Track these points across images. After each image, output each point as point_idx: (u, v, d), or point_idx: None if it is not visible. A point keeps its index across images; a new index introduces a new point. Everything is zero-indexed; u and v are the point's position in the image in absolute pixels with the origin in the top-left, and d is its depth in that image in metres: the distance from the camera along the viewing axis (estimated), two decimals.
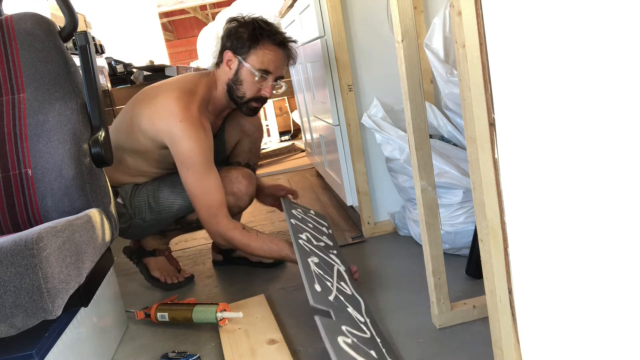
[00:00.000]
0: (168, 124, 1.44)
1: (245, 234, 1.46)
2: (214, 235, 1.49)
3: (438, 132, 1.70)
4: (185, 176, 1.46)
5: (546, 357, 0.68)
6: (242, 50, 1.50)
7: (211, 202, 1.45)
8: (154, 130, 1.47)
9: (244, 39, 1.49)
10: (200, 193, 1.45)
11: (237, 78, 1.52)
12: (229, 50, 1.52)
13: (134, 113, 1.52)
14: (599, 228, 0.59)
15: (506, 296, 0.71)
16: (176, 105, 1.45)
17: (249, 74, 1.51)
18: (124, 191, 1.59)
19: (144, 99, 1.54)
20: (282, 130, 4.80)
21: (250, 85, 1.52)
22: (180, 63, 5.94)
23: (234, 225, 1.47)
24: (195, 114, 1.48)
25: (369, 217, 1.85)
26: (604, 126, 0.56)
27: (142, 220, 1.58)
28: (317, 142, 2.36)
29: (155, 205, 1.57)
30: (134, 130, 1.51)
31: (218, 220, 1.45)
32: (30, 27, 1.27)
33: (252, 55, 1.49)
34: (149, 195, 1.58)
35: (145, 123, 1.48)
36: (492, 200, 0.70)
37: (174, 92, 1.49)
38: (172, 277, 1.72)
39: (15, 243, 0.91)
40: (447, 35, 1.55)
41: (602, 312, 0.62)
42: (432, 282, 1.19)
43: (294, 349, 1.23)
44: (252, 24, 1.50)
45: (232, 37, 1.51)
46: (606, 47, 0.54)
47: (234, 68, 1.52)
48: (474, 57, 0.66)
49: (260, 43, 1.49)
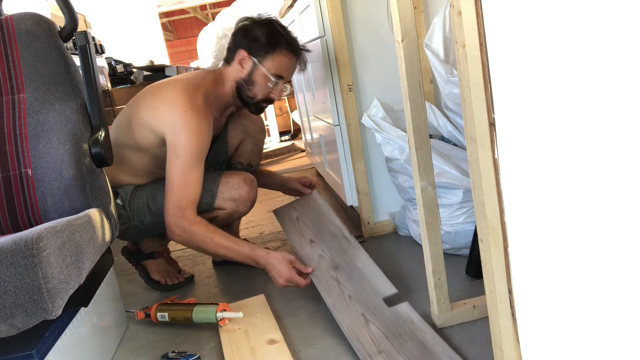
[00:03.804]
0: (172, 114, 1.44)
1: (211, 228, 1.43)
2: (174, 228, 1.42)
3: (438, 132, 1.70)
4: (172, 164, 1.43)
5: (546, 357, 0.68)
6: (258, 52, 1.50)
7: (185, 195, 1.42)
8: (158, 121, 1.46)
9: (262, 42, 1.49)
10: (178, 184, 1.42)
11: (250, 79, 1.53)
12: (243, 50, 1.51)
13: (137, 108, 1.52)
14: (599, 228, 0.59)
15: (506, 296, 0.71)
16: (182, 96, 1.45)
17: (262, 77, 1.52)
18: (124, 192, 1.58)
19: (148, 93, 1.54)
20: (282, 130, 4.80)
21: (262, 88, 1.54)
22: (180, 63, 5.94)
23: (199, 220, 1.43)
24: (201, 105, 1.47)
25: (369, 217, 1.85)
26: (604, 126, 0.56)
27: (140, 223, 1.58)
28: (317, 142, 2.36)
29: (154, 208, 1.56)
30: (136, 125, 1.51)
31: (185, 214, 1.41)
32: (30, 27, 1.27)
33: (269, 59, 1.50)
34: (148, 197, 1.57)
35: (149, 115, 1.48)
36: (492, 200, 0.70)
37: (180, 84, 1.49)
38: (172, 279, 1.72)
39: (15, 243, 0.91)
40: (447, 35, 1.55)
41: (602, 312, 0.62)
42: (432, 282, 1.19)
43: (294, 349, 1.24)
44: (269, 26, 1.50)
45: (248, 37, 1.50)
46: (606, 47, 0.54)
47: (247, 69, 1.52)
48: (474, 57, 0.66)
49: (278, 49, 1.50)
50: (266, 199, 2.68)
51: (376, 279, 1.36)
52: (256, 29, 1.50)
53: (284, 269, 1.37)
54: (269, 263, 1.39)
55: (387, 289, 1.31)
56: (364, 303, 1.28)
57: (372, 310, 1.25)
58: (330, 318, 1.35)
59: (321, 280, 1.40)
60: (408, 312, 1.22)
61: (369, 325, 1.20)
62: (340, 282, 1.37)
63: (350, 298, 1.30)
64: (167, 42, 8.18)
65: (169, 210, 1.43)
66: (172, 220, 1.43)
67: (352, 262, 1.45)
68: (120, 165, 1.57)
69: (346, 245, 1.51)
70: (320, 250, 1.53)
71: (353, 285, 1.35)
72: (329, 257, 1.49)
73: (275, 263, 1.38)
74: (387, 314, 1.23)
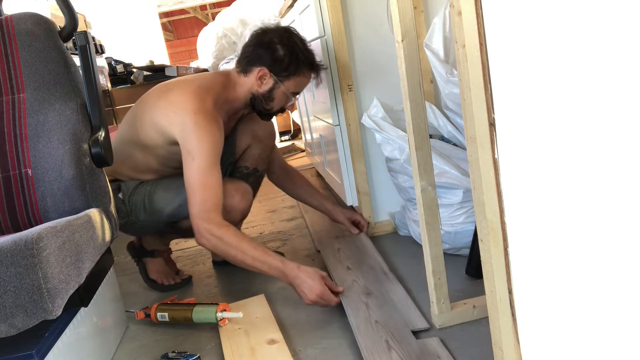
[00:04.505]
0: (182, 116, 1.43)
1: (239, 233, 1.39)
2: (201, 232, 1.37)
3: (438, 132, 1.70)
4: (189, 167, 1.40)
5: (546, 357, 0.68)
6: (280, 73, 1.51)
7: (208, 198, 1.38)
8: (167, 122, 1.45)
9: (285, 63, 1.50)
10: (199, 186, 1.39)
11: (269, 95, 1.55)
12: (265, 67, 1.51)
13: (146, 106, 1.52)
14: (599, 228, 0.59)
15: (506, 296, 0.71)
16: (192, 98, 1.45)
17: (282, 95, 1.55)
18: (127, 187, 1.58)
19: (158, 93, 1.53)
20: (282, 130, 4.80)
21: (279, 102, 1.58)
22: (180, 63, 5.94)
23: (227, 224, 1.39)
24: (211, 108, 1.47)
25: (369, 217, 1.85)
26: (605, 126, 0.56)
27: (136, 219, 1.57)
28: (317, 142, 2.36)
29: (148, 207, 1.55)
30: (144, 124, 1.51)
31: (211, 217, 1.37)
32: (30, 27, 1.27)
33: (292, 81, 1.53)
34: (145, 195, 1.57)
35: (158, 115, 1.47)
36: (492, 200, 0.70)
37: (190, 86, 1.49)
38: (169, 279, 1.73)
39: (15, 243, 0.91)
40: (447, 35, 1.55)
41: (602, 312, 0.62)
42: (432, 282, 1.19)
43: (294, 349, 1.23)
44: (293, 47, 1.50)
45: (271, 56, 1.50)
46: (606, 47, 0.54)
47: (267, 86, 1.53)
48: (474, 57, 0.66)
49: (300, 71, 1.53)
50: (266, 199, 2.68)
51: (409, 311, 1.29)
52: (280, 48, 1.49)
53: (317, 285, 1.31)
54: (298, 277, 1.33)
55: (418, 322, 1.23)
56: (390, 331, 1.21)
57: (398, 338, 1.17)
58: (331, 318, 1.35)
59: (350, 301, 1.35)
60: (436, 347, 1.13)
61: (391, 352, 1.12)
62: (369, 307, 1.31)
63: (377, 323, 1.24)
64: (167, 42, 8.18)
65: (194, 214, 1.38)
66: (199, 223, 1.37)
67: (387, 293, 1.38)
68: (126, 161, 1.58)
69: (383, 279, 1.48)
70: (355, 276, 1.50)
71: (382, 313, 1.29)
72: (362, 283, 1.45)
73: (305, 277, 1.32)
74: (413, 345, 1.14)
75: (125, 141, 1.56)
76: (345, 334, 1.26)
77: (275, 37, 1.51)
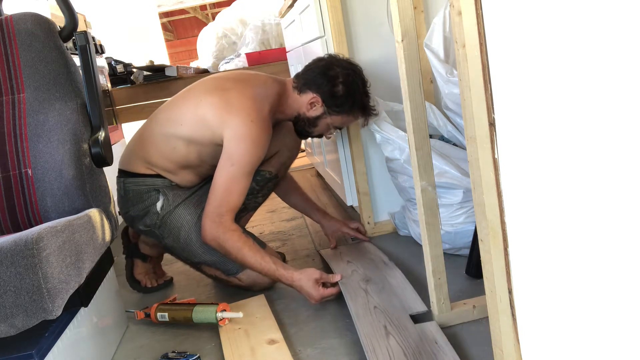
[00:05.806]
0: (239, 120, 1.43)
1: (243, 238, 1.43)
2: (208, 232, 1.42)
3: (438, 132, 1.70)
4: (224, 169, 1.43)
5: (546, 357, 0.68)
6: (332, 107, 1.52)
7: (226, 201, 1.42)
8: (221, 121, 1.45)
9: (339, 100, 1.51)
10: (224, 189, 1.42)
11: (313, 121, 1.56)
12: (319, 96, 1.51)
13: (196, 100, 1.50)
14: (599, 228, 0.59)
15: (506, 296, 0.71)
16: (251, 104, 1.45)
17: (326, 125, 1.57)
18: (167, 202, 1.53)
19: (211, 89, 1.52)
20: None
21: (320, 130, 1.60)
22: (180, 63, 5.94)
23: (235, 228, 1.44)
24: (267, 117, 1.49)
25: (369, 217, 1.85)
26: (605, 126, 0.56)
27: (161, 237, 1.55)
28: (317, 142, 2.36)
29: (184, 242, 1.53)
30: (192, 118, 1.49)
31: (222, 220, 1.42)
32: (30, 27, 1.27)
33: (340, 116, 1.55)
34: (184, 225, 1.52)
35: (212, 113, 1.46)
36: (492, 200, 0.70)
37: (249, 90, 1.49)
38: (152, 281, 1.74)
39: (15, 243, 0.91)
40: (447, 35, 1.55)
41: (602, 311, 0.62)
42: (432, 282, 1.19)
43: (294, 349, 1.24)
44: (353, 87, 1.51)
45: (329, 88, 1.50)
46: (606, 47, 0.54)
47: (315, 112, 1.54)
48: (474, 57, 0.66)
49: (352, 112, 1.55)
50: None
51: (407, 295, 1.31)
52: (340, 84, 1.50)
53: (312, 291, 1.37)
54: (293, 285, 1.40)
55: (416, 305, 1.26)
56: (389, 316, 1.23)
57: (396, 324, 1.19)
58: (331, 318, 1.35)
59: (349, 288, 1.38)
60: (434, 332, 1.15)
61: (389, 338, 1.14)
62: (368, 293, 1.34)
63: (375, 309, 1.26)
64: (167, 42, 8.18)
65: (207, 212, 1.43)
66: (208, 223, 1.42)
67: (385, 278, 1.42)
68: (165, 153, 1.53)
69: (382, 267, 1.50)
70: (355, 267, 1.53)
71: (381, 298, 1.31)
72: (362, 272, 1.48)
73: (302, 286, 1.38)
74: (411, 330, 1.17)
75: (165, 133, 1.52)
76: (345, 334, 1.26)
77: (341, 75, 1.51)
